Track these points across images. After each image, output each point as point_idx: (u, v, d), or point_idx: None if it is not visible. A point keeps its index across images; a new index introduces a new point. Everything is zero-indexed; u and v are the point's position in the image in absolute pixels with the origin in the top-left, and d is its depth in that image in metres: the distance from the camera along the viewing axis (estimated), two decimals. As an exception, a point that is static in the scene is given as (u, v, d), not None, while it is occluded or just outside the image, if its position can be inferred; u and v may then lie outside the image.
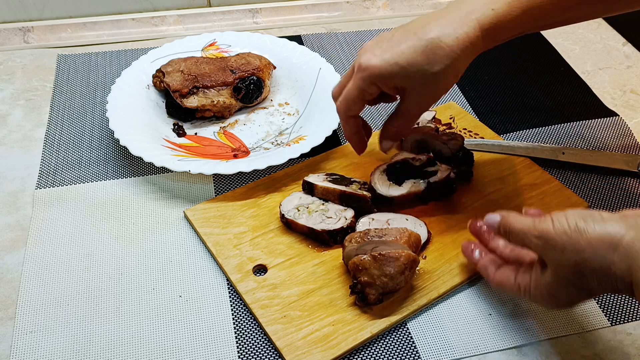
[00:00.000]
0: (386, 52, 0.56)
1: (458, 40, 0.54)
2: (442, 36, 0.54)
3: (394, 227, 0.58)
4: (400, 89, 0.58)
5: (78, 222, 0.66)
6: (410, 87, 0.57)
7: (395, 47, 0.56)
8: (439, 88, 0.57)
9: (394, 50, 0.55)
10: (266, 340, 0.56)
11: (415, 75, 0.55)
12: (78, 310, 0.57)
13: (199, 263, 0.62)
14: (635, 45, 0.97)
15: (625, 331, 0.58)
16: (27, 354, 0.54)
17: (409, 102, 0.59)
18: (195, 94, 0.76)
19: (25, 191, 0.69)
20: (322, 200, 0.65)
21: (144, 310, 0.58)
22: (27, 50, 0.91)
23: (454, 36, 0.54)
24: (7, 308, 0.58)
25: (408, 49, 0.55)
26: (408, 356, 0.55)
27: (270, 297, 0.57)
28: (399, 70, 0.55)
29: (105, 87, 0.84)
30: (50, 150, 0.74)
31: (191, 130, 0.77)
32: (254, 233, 0.63)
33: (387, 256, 0.54)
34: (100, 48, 0.92)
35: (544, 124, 0.81)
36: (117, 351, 0.54)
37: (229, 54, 0.86)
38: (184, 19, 0.97)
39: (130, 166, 0.72)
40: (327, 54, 0.92)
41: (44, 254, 0.62)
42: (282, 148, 0.72)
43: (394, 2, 1.03)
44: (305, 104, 0.80)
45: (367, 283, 0.55)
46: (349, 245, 0.57)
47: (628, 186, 0.72)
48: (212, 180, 0.71)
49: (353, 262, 0.55)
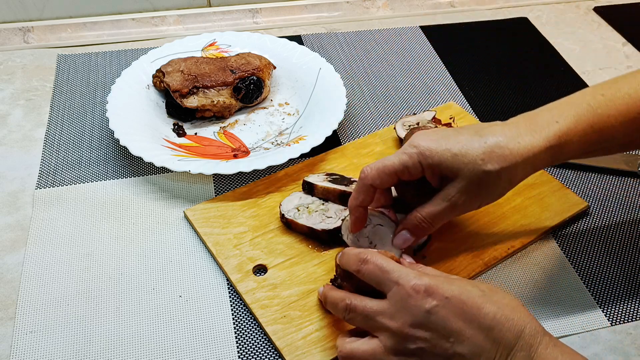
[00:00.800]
0: (442, 139, 0.53)
1: (520, 146, 0.52)
2: (505, 139, 0.52)
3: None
4: (446, 179, 0.54)
5: (78, 222, 0.66)
6: (456, 178, 0.53)
7: (452, 137, 0.53)
8: (487, 190, 0.53)
9: (450, 139, 0.53)
10: (266, 340, 0.56)
11: (467, 167, 0.52)
12: (78, 310, 0.57)
13: (199, 263, 0.62)
14: (635, 45, 0.97)
15: (625, 331, 0.58)
16: (27, 354, 0.54)
17: (449, 191, 0.53)
18: (195, 94, 0.76)
19: (25, 191, 0.69)
20: (322, 200, 0.65)
21: (144, 310, 0.58)
22: (27, 50, 0.91)
23: (517, 141, 0.52)
24: (7, 308, 0.58)
25: (466, 141, 0.53)
26: (408, 356, 0.55)
27: (270, 297, 0.57)
28: (450, 157, 0.52)
29: (105, 87, 0.84)
30: (50, 150, 0.74)
31: (191, 130, 0.77)
32: (254, 233, 0.63)
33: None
34: (100, 48, 0.92)
35: (544, 124, 0.81)
36: (117, 351, 0.54)
37: (229, 54, 0.86)
38: (184, 19, 0.97)
39: (130, 166, 0.72)
40: (327, 54, 0.92)
41: (44, 254, 0.62)
42: (282, 148, 0.72)
43: (394, 2, 1.03)
44: (305, 104, 0.80)
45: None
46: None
47: (628, 186, 0.72)
48: (212, 180, 0.71)
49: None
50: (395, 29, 0.99)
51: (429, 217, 0.54)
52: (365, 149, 0.74)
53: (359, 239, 0.59)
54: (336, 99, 0.77)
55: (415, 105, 0.84)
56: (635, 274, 0.63)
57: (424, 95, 0.86)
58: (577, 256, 0.64)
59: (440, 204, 0.54)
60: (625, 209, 0.69)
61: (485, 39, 0.97)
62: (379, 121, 0.81)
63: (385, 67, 0.91)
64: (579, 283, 0.61)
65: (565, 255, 0.64)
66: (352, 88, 0.86)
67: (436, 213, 0.54)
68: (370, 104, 0.84)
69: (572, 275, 0.62)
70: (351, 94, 0.85)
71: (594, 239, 0.66)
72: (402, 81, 0.88)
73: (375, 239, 0.58)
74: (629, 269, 0.63)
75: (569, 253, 0.64)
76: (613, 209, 0.69)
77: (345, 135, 0.78)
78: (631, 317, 0.59)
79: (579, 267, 0.63)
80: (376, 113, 0.82)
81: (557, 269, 0.62)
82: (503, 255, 0.62)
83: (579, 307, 0.59)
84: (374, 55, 0.93)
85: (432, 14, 1.03)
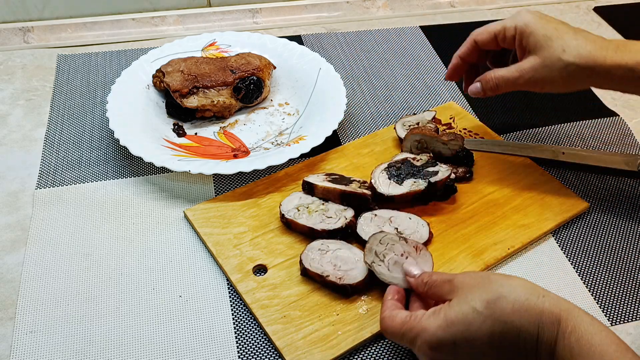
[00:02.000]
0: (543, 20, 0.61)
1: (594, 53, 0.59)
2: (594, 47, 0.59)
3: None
4: (526, 51, 0.61)
5: (78, 222, 0.66)
6: (537, 53, 0.60)
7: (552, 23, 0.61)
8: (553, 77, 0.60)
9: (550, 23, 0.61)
10: (266, 340, 0.56)
11: (547, 48, 0.59)
12: (78, 310, 0.57)
13: (199, 263, 0.62)
14: (635, 45, 0.97)
15: (626, 331, 0.57)
16: (27, 354, 0.54)
17: (524, 65, 0.61)
18: (195, 94, 0.76)
19: (25, 191, 0.69)
20: (322, 200, 0.65)
21: (144, 310, 0.58)
22: (27, 50, 0.91)
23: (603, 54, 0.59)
24: (7, 308, 0.58)
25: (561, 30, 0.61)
26: (408, 356, 0.55)
27: (270, 297, 0.57)
28: (540, 34, 0.60)
29: (105, 87, 0.84)
30: (50, 150, 0.74)
31: (191, 130, 0.77)
32: (254, 233, 0.63)
33: None
34: (100, 48, 0.92)
35: (544, 124, 0.81)
36: (117, 351, 0.54)
37: (229, 54, 0.86)
38: (184, 19, 0.97)
39: (130, 166, 0.72)
40: (327, 54, 0.92)
41: (44, 254, 0.62)
42: (282, 148, 0.72)
43: (394, 2, 1.03)
44: (305, 104, 0.80)
45: None
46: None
47: (628, 186, 0.72)
48: (212, 180, 0.71)
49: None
50: (395, 29, 0.99)
51: (500, 79, 0.63)
52: (365, 149, 0.74)
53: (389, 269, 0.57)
54: (336, 99, 0.77)
55: (415, 105, 0.84)
56: (635, 274, 0.63)
57: (424, 95, 0.86)
58: (577, 256, 0.64)
59: (512, 72, 0.62)
60: (625, 209, 0.69)
61: (485, 39, 0.97)
62: (379, 121, 0.81)
63: (385, 67, 0.91)
64: (579, 283, 0.61)
65: (565, 255, 0.64)
66: (352, 88, 0.86)
67: (506, 78, 0.63)
68: (370, 104, 0.84)
69: (572, 275, 0.62)
70: (351, 94, 0.85)
71: (594, 239, 0.66)
72: (402, 81, 0.88)
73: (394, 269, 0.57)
74: (628, 269, 0.63)
75: (569, 253, 0.64)
76: (613, 209, 0.69)
77: (345, 135, 0.78)
78: (631, 317, 0.59)
79: (579, 267, 0.63)
80: (376, 113, 0.82)
81: (557, 269, 0.62)
82: (503, 255, 0.62)
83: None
84: (374, 55, 0.93)
85: (432, 14, 1.03)
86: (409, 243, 0.57)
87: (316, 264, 0.58)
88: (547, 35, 0.60)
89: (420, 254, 0.57)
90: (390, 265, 0.56)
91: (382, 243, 0.57)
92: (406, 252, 0.57)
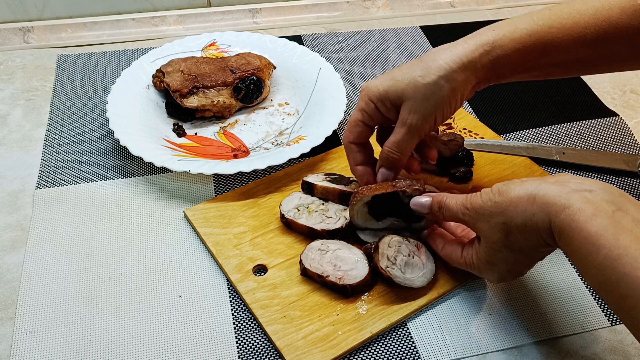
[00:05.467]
0: (387, 74, 0.57)
1: (452, 54, 0.55)
2: (437, 52, 0.56)
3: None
4: (399, 107, 0.57)
5: (78, 222, 0.66)
6: (405, 100, 0.56)
7: (396, 69, 0.57)
8: (436, 103, 0.55)
9: (394, 71, 0.57)
10: (266, 340, 0.56)
11: (408, 87, 0.55)
12: (78, 310, 0.57)
13: (199, 263, 0.62)
14: (635, 45, 0.97)
15: (626, 331, 0.57)
16: (27, 354, 0.54)
17: (402, 115, 0.56)
18: (195, 94, 0.76)
19: (25, 191, 0.69)
20: (322, 200, 0.65)
21: (144, 310, 0.58)
22: (27, 50, 0.91)
23: (450, 50, 0.55)
24: (7, 308, 0.58)
25: (407, 67, 0.56)
26: (408, 356, 0.55)
27: (270, 297, 0.57)
28: (393, 84, 0.56)
29: (105, 87, 0.84)
30: (50, 150, 0.74)
31: (191, 130, 0.77)
32: (254, 233, 0.63)
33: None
34: (100, 48, 0.92)
35: (544, 124, 0.81)
36: (117, 351, 0.54)
37: (229, 54, 0.86)
38: (184, 19, 0.97)
39: (130, 166, 0.72)
40: (327, 54, 0.92)
41: (44, 254, 0.62)
42: (282, 148, 0.72)
43: (394, 2, 1.03)
44: (305, 104, 0.80)
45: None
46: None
47: (628, 186, 0.72)
48: (212, 180, 0.71)
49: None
50: (395, 29, 0.99)
51: (394, 146, 0.57)
52: (365, 149, 0.74)
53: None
54: (336, 99, 0.77)
55: (415, 105, 0.84)
56: (635, 274, 0.62)
57: (424, 95, 0.86)
58: (577, 256, 0.64)
59: (400, 130, 0.57)
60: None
61: (485, 39, 0.97)
62: (379, 121, 0.81)
63: (385, 67, 0.91)
64: (579, 283, 0.61)
65: (565, 255, 0.64)
66: (352, 88, 0.86)
67: (399, 140, 0.57)
68: (370, 104, 0.84)
69: (572, 275, 0.62)
70: (351, 94, 0.85)
71: (594, 239, 0.66)
72: (402, 81, 0.88)
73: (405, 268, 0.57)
74: (629, 269, 0.63)
75: (569, 253, 0.64)
76: (613, 209, 0.69)
77: (345, 135, 0.78)
78: (631, 317, 0.59)
79: (579, 267, 0.63)
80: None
81: (557, 269, 0.62)
82: (503, 255, 0.62)
83: (579, 307, 0.59)
84: (374, 55, 0.93)
85: (432, 14, 1.03)
86: (411, 242, 0.58)
87: (316, 264, 0.58)
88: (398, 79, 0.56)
89: (422, 251, 0.58)
90: (402, 267, 0.57)
91: (391, 246, 0.57)
92: (412, 252, 0.57)
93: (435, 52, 0.56)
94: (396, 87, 0.56)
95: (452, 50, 0.55)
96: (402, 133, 0.57)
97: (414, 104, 0.55)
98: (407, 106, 0.56)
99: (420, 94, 0.55)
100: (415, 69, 0.55)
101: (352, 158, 0.62)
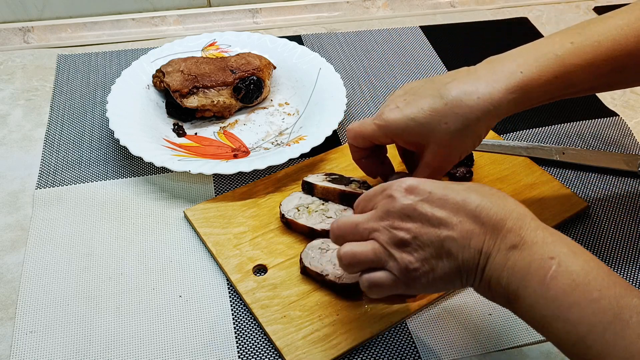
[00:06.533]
0: (407, 107, 0.55)
1: (479, 101, 0.53)
2: (463, 96, 0.53)
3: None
4: (419, 145, 0.57)
5: (78, 222, 0.66)
6: (427, 144, 0.56)
7: (417, 102, 0.55)
8: (456, 148, 0.56)
9: (414, 105, 0.55)
10: (266, 340, 0.56)
11: (431, 133, 0.54)
12: (78, 310, 0.57)
13: (199, 263, 0.62)
14: (635, 45, 0.97)
15: (625, 331, 0.57)
16: (27, 354, 0.54)
17: (426, 158, 0.57)
18: (195, 94, 0.76)
19: (25, 191, 0.69)
20: (322, 200, 0.65)
21: (144, 310, 0.58)
22: (27, 50, 0.91)
23: (476, 96, 0.53)
24: (7, 308, 0.58)
25: (428, 105, 0.54)
26: (408, 356, 0.55)
27: (270, 297, 0.57)
28: (415, 127, 0.55)
29: (105, 87, 0.84)
30: (50, 150, 0.74)
31: (191, 130, 0.77)
32: (254, 233, 0.63)
33: None
34: (100, 48, 0.92)
35: (544, 124, 0.81)
36: (117, 351, 0.54)
37: (229, 54, 0.86)
38: (184, 19, 0.97)
39: (130, 166, 0.72)
40: (327, 54, 0.92)
41: (44, 254, 0.62)
42: (282, 148, 0.72)
43: (394, 2, 1.03)
44: (305, 104, 0.80)
45: None
46: None
47: (628, 186, 0.72)
48: (212, 180, 0.71)
49: None
50: (395, 29, 0.99)
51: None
52: (365, 149, 0.74)
53: None
54: (336, 99, 0.77)
55: (415, 105, 0.84)
56: (635, 274, 0.63)
57: (424, 95, 0.86)
58: (577, 256, 0.64)
59: (424, 171, 0.57)
60: (625, 209, 0.69)
61: (485, 39, 0.97)
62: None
63: (385, 67, 0.91)
64: (579, 283, 0.61)
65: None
66: (352, 88, 0.86)
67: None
68: (370, 104, 0.84)
69: (572, 275, 0.62)
70: (351, 94, 0.85)
71: (594, 239, 0.66)
72: (402, 81, 0.88)
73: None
74: (628, 268, 0.63)
75: (569, 253, 0.64)
76: (613, 209, 0.69)
77: (345, 135, 0.78)
78: (631, 317, 0.59)
79: (579, 267, 0.63)
80: (376, 113, 0.82)
81: (557, 269, 0.62)
82: (503, 255, 0.62)
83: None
84: (374, 55, 0.93)
85: (432, 14, 1.03)
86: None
87: (316, 262, 0.58)
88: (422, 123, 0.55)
89: None
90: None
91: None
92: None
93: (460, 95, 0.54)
94: (420, 131, 0.55)
95: (478, 96, 0.53)
96: (426, 174, 0.57)
97: (439, 149, 0.55)
98: (431, 150, 0.56)
99: (445, 141, 0.55)
100: (439, 112, 0.54)
101: (352, 152, 0.63)
